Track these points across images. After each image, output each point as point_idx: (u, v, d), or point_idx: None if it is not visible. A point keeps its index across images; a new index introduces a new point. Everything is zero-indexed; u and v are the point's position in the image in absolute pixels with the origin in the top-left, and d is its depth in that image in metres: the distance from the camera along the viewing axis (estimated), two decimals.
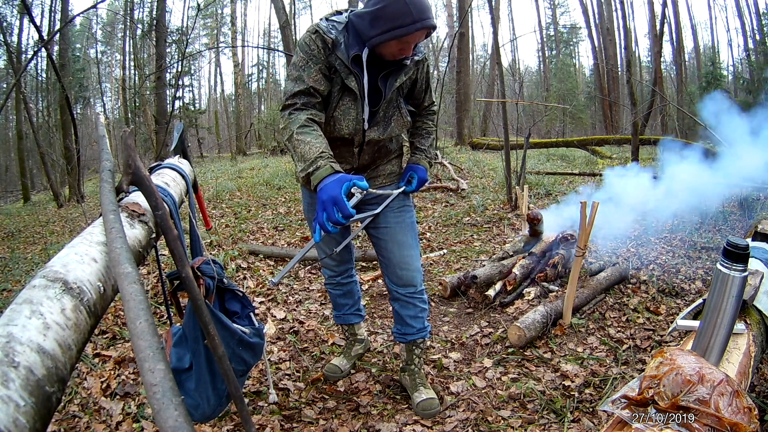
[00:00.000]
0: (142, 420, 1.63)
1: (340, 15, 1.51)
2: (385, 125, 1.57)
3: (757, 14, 15.89)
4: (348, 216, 1.18)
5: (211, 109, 26.70)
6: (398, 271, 1.71)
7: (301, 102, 1.41)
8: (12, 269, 3.93)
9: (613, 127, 16.67)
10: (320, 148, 1.30)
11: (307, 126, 1.36)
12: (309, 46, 1.42)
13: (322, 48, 1.42)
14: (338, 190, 1.19)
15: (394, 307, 1.79)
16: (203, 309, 0.86)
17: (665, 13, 11.21)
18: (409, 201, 1.74)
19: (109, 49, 23.31)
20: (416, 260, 1.73)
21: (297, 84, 1.41)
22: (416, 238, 1.74)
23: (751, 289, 1.48)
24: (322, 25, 1.44)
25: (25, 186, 11.53)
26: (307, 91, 1.41)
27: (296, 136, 1.34)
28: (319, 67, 1.42)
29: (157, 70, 10.03)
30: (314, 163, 1.28)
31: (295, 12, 24.83)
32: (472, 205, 5.22)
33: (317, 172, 1.27)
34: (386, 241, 1.69)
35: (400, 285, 1.73)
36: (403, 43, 1.36)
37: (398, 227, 1.68)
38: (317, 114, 1.43)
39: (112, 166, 0.95)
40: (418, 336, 1.79)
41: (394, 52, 1.39)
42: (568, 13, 28.71)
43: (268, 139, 16.77)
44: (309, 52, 1.42)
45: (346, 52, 1.42)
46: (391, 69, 1.49)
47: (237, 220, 4.99)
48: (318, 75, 1.42)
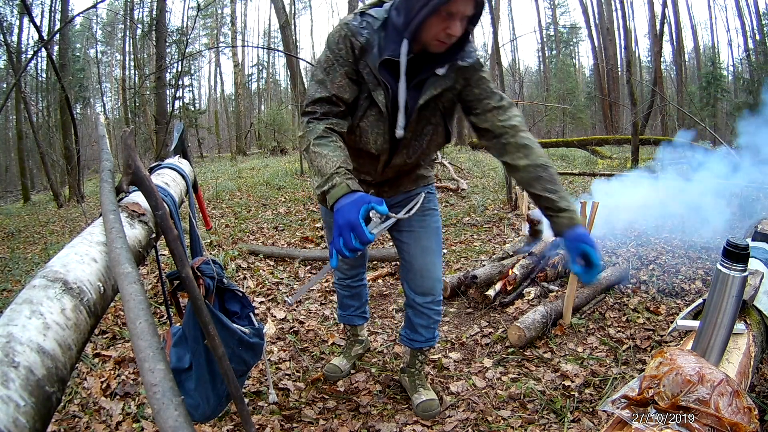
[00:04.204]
0: (142, 420, 1.63)
1: (380, 8, 1.29)
2: (415, 148, 1.41)
3: (757, 14, 15.91)
4: (366, 242, 1.08)
5: (211, 109, 26.73)
6: (418, 279, 1.64)
7: (321, 111, 1.27)
8: (12, 269, 3.93)
9: (613, 127, 16.69)
10: (337, 163, 1.17)
11: (324, 137, 1.23)
12: (337, 44, 1.26)
13: (350, 50, 1.26)
14: (355, 215, 1.07)
15: (407, 313, 1.75)
16: (203, 309, 0.86)
17: (665, 13, 11.22)
18: (434, 204, 1.65)
19: (109, 49, 23.34)
20: (438, 268, 1.66)
21: (320, 89, 1.27)
22: (440, 244, 1.67)
23: (751, 289, 1.48)
24: (353, 24, 1.26)
25: (25, 186, 11.53)
26: (329, 99, 1.26)
27: (313, 148, 1.22)
28: (345, 71, 1.26)
29: (157, 70, 10.02)
30: (330, 179, 1.15)
31: (295, 12, 24.89)
32: (472, 205, 5.22)
33: (333, 190, 1.14)
34: (409, 245, 1.62)
35: (419, 293, 1.66)
36: (447, 17, 1.12)
37: (423, 231, 1.60)
38: (338, 123, 1.28)
39: (112, 166, 0.95)
40: (426, 345, 1.76)
41: (439, 33, 1.15)
42: (568, 13, 28.76)
43: (268, 139, 16.78)
44: (336, 52, 1.26)
45: (378, 57, 1.24)
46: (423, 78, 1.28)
47: (237, 220, 4.99)
48: (343, 80, 1.26)
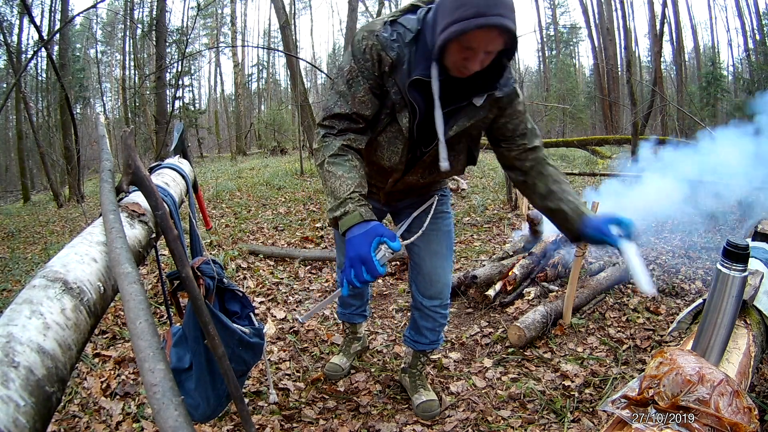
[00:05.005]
0: (142, 420, 1.63)
1: (412, 15, 1.17)
2: (432, 170, 1.37)
3: (757, 14, 15.91)
4: (377, 276, 1.06)
5: (211, 109, 26.71)
6: (427, 282, 1.63)
7: (339, 127, 1.20)
8: (12, 269, 3.93)
9: (613, 127, 16.66)
10: (351, 187, 1.12)
11: (340, 155, 1.17)
12: (364, 54, 1.16)
13: (377, 63, 1.16)
14: (367, 249, 1.05)
15: (413, 314, 1.74)
16: (203, 309, 0.86)
17: (665, 13, 11.20)
18: (447, 206, 1.62)
19: (109, 49, 23.34)
20: (448, 273, 1.64)
21: (340, 103, 1.19)
22: (452, 248, 1.64)
23: (751, 289, 1.48)
24: (383, 36, 1.14)
25: (25, 186, 11.52)
26: (348, 116, 1.19)
27: (327, 167, 1.16)
28: (370, 86, 1.18)
29: (157, 70, 10.02)
30: (343, 204, 1.11)
31: (295, 12, 24.85)
32: (472, 205, 5.22)
33: (345, 218, 1.10)
34: (420, 248, 1.59)
35: (426, 296, 1.65)
36: (466, 49, 1.03)
37: (434, 235, 1.57)
38: (356, 139, 1.22)
39: (112, 166, 0.95)
40: (429, 347, 1.76)
41: (457, 61, 1.07)
42: (568, 13, 28.74)
43: (268, 139, 16.77)
44: (362, 63, 1.16)
45: (407, 76, 1.15)
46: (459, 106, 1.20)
47: (237, 220, 4.99)
48: (366, 96, 1.18)
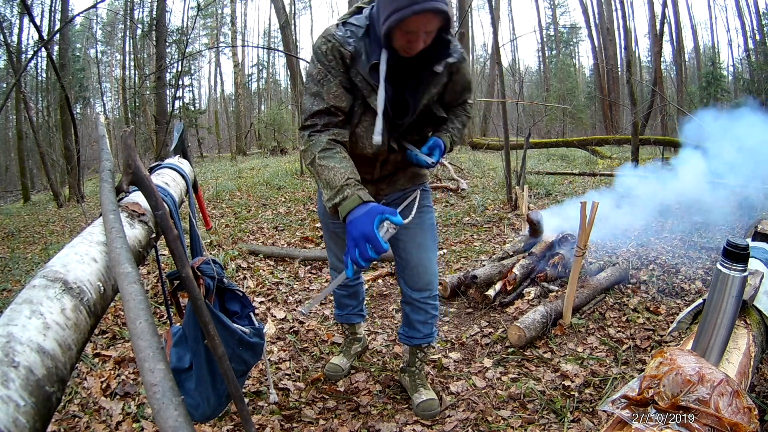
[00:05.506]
0: (142, 420, 1.63)
1: (360, 15, 1.32)
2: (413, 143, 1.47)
3: (757, 14, 15.90)
4: (382, 252, 1.10)
5: (211, 109, 26.74)
6: (415, 275, 1.66)
7: (321, 123, 1.29)
8: (12, 269, 3.93)
9: (613, 127, 16.66)
10: (345, 174, 1.20)
11: (329, 149, 1.25)
12: (326, 56, 1.27)
13: (339, 60, 1.27)
14: (370, 226, 1.10)
15: (404, 310, 1.76)
16: (203, 309, 0.86)
17: (665, 13, 11.22)
18: (428, 201, 1.68)
19: (109, 49, 23.34)
20: (434, 264, 1.67)
21: (316, 102, 1.29)
22: (435, 240, 1.69)
23: (751, 289, 1.48)
24: (338, 34, 1.27)
25: (25, 186, 11.52)
26: (327, 110, 1.29)
27: (319, 161, 1.24)
28: (339, 81, 1.28)
29: (157, 70, 10.02)
30: (341, 191, 1.18)
31: (295, 12, 24.89)
32: (472, 205, 5.22)
33: (345, 202, 1.17)
34: (405, 242, 1.63)
35: (416, 289, 1.68)
36: (407, 33, 1.17)
37: (418, 228, 1.61)
38: (340, 132, 1.31)
39: (112, 166, 0.95)
40: (424, 341, 1.77)
41: (403, 44, 1.21)
42: (568, 13, 28.81)
43: (268, 139, 16.76)
44: (326, 64, 1.28)
45: (367, 63, 1.27)
46: (421, 78, 1.32)
47: (237, 220, 4.99)
48: (338, 90, 1.28)
